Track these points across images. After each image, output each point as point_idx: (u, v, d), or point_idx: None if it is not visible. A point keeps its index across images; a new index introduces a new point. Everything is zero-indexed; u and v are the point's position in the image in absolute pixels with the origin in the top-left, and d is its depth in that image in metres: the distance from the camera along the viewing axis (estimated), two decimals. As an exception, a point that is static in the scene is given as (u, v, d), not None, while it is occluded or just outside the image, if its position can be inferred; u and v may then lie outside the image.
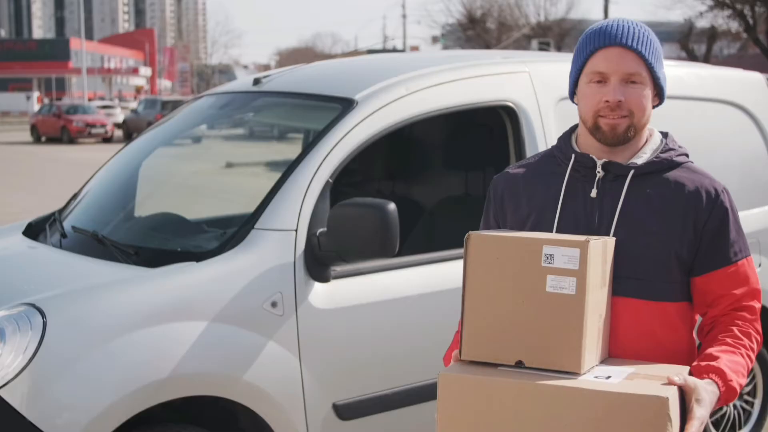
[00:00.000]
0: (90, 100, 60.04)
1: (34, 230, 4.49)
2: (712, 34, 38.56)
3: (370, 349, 3.68)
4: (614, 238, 2.26)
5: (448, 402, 2.11)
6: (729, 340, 2.26)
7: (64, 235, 4.17)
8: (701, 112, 4.93)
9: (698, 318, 2.41)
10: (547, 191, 2.37)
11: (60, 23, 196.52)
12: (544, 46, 39.18)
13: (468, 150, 4.85)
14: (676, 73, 5.02)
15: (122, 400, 3.15)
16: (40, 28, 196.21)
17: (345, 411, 3.62)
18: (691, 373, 2.17)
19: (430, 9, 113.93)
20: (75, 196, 4.77)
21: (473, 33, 51.57)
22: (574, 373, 2.07)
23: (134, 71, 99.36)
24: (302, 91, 4.30)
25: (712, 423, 4.82)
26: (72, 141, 37.36)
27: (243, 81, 4.87)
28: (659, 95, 2.36)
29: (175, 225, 4.29)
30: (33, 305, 3.23)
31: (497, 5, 51.58)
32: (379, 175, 5.40)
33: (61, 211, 4.62)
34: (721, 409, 4.84)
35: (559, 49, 46.76)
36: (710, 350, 2.23)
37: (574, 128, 2.45)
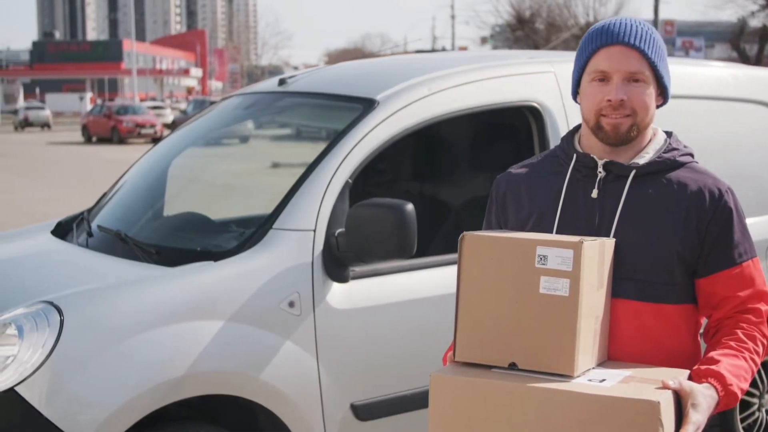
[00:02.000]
0: (142, 100, 60.69)
1: (63, 229, 4.54)
2: (764, 34, 38.01)
3: (389, 349, 3.67)
4: (614, 239, 2.23)
5: (440, 403, 2.09)
6: (732, 344, 2.21)
7: (90, 234, 4.21)
8: (737, 113, 4.87)
9: (704, 320, 2.37)
10: (548, 191, 2.35)
11: (113, 25, 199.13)
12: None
13: (496, 151, 4.82)
14: (714, 73, 4.99)
15: (138, 397, 3.18)
16: (94, 29, 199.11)
17: (363, 411, 3.62)
18: (691, 377, 2.14)
19: (478, 10, 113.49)
20: (104, 195, 4.82)
21: (522, 34, 51.30)
22: (567, 376, 2.04)
23: (185, 72, 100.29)
24: (325, 91, 4.31)
25: (744, 428, 4.75)
26: (122, 141, 37.80)
27: (269, 81, 4.89)
28: (663, 94, 2.33)
29: (199, 225, 4.31)
30: (51, 303, 3.27)
31: (546, 5, 51.25)
32: (408, 175, 5.39)
33: (90, 210, 4.67)
34: (753, 414, 4.77)
35: (608, 49, 46.08)
36: (712, 354, 2.19)
37: (578, 128, 2.43)
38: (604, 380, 2.05)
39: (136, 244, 3.86)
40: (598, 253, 2.13)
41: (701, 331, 2.37)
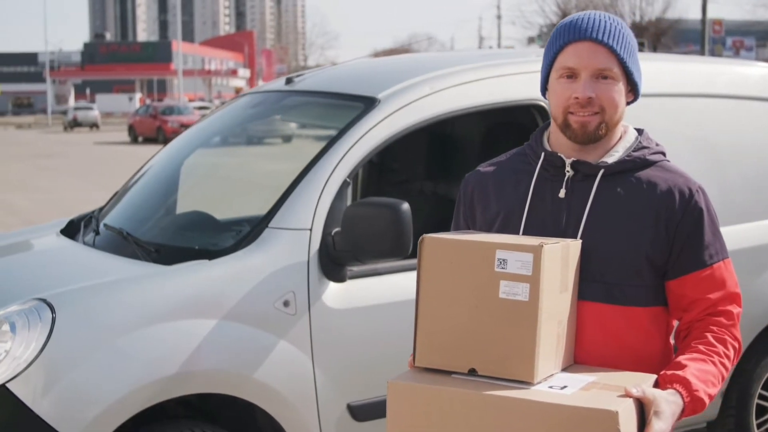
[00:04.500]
0: (191, 101, 61.20)
1: (73, 228, 4.56)
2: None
3: (386, 349, 3.62)
4: (580, 241, 2.17)
5: (397, 411, 2.04)
6: (702, 348, 2.15)
7: (97, 233, 4.23)
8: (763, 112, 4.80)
9: (675, 323, 2.31)
10: (515, 191, 2.29)
11: (163, 26, 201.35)
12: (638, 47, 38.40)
13: (506, 150, 4.77)
14: (741, 72, 4.92)
15: (128, 395, 3.18)
16: (144, 31, 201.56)
17: (360, 412, 3.59)
18: (657, 382, 2.08)
19: (524, 10, 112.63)
20: (116, 194, 4.83)
21: (568, 33, 50.84)
22: (527, 383, 1.99)
23: (233, 73, 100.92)
24: (328, 89, 4.29)
25: (762, 433, 4.65)
26: (167, 141, 37.70)
27: (278, 81, 4.89)
28: (634, 91, 2.27)
29: (203, 224, 4.30)
30: (43, 300, 3.28)
31: (592, 5, 50.77)
32: (422, 175, 5.36)
33: (101, 209, 4.70)
34: (769, 420, 4.67)
35: (654, 49, 45.79)
36: (680, 358, 2.13)
37: (548, 125, 2.38)
38: (565, 387, 1.99)
39: (136, 242, 3.87)
40: (560, 256, 2.07)
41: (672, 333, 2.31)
